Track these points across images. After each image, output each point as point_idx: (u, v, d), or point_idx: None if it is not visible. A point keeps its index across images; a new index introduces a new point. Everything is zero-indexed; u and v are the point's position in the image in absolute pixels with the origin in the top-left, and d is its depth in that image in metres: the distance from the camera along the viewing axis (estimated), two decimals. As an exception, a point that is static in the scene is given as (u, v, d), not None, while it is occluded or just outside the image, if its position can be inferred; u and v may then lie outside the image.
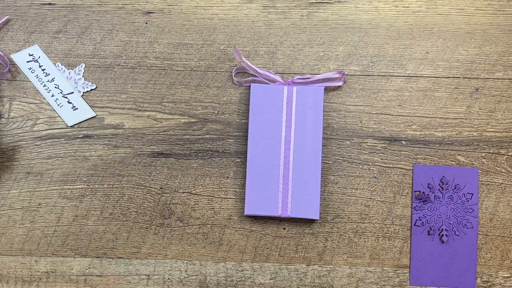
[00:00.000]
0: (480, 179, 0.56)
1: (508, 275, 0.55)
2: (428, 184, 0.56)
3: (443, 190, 0.55)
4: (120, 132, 0.56)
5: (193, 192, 0.56)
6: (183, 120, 0.57)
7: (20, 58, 0.58)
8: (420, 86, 0.57)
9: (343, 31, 0.58)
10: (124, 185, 0.56)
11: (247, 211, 0.53)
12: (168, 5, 0.59)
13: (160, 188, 0.56)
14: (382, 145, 0.56)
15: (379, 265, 0.55)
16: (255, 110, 0.54)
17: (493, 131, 0.56)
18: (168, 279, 0.54)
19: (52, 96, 0.57)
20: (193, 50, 0.58)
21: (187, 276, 0.54)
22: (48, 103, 0.57)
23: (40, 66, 0.57)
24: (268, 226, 0.55)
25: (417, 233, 0.55)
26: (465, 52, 0.58)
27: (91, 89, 0.57)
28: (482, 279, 0.55)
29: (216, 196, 0.56)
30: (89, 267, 0.55)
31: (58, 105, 0.57)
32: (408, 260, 0.55)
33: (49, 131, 0.56)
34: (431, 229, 0.55)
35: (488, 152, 0.56)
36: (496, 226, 0.55)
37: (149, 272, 0.54)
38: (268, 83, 0.56)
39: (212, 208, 0.55)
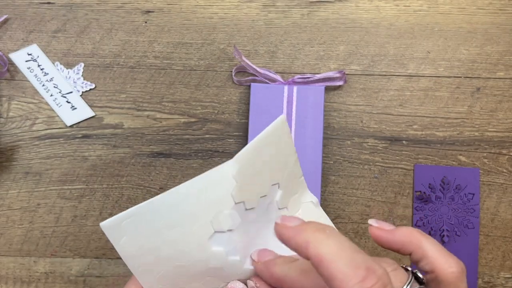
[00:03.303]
0: (482, 179, 0.56)
1: (510, 276, 0.55)
2: (429, 184, 0.55)
3: (444, 190, 0.55)
4: (119, 132, 0.56)
5: (192, 192, 0.55)
6: (183, 120, 0.56)
7: (18, 58, 0.57)
8: (421, 85, 0.57)
9: (343, 30, 0.58)
10: (123, 185, 0.55)
11: (247, 212, 0.53)
12: (168, 4, 0.58)
13: (160, 188, 0.55)
14: (383, 145, 0.56)
15: (380, 266, 0.54)
16: (255, 109, 0.54)
17: (495, 131, 0.56)
18: (168, 279, 0.54)
19: (51, 95, 0.56)
20: (193, 49, 0.58)
21: (186, 276, 0.54)
22: (47, 102, 0.56)
23: (38, 66, 0.57)
24: (268, 226, 0.55)
25: (418, 233, 0.55)
26: (466, 52, 0.58)
27: (90, 89, 0.57)
28: (484, 280, 0.54)
29: (216, 196, 0.55)
30: (88, 268, 0.54)
31: (57, 104, 0.56)
32: (409, 261, 0.55)
33: (48, 131, 0.56)
34: (432, 229, 0.55)
35: (490, 152, 0.56)
36: (497, 226, 0.55)
37: (148, 272, 0.54)
38: (268, 83, 0.55)
39: (212, 209, 0.55)
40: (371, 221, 0.31)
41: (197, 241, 0.31)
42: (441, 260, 0.28)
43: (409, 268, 0.28)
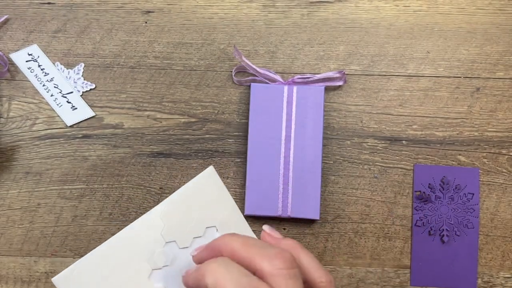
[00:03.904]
0: (481, 179, 0.56)
1: (509, 276, 0.55)
2: (429, 184, 0.55)
3: (444, 190, 0.55)
4: (120, 132, 0.56)
5: (193, 192, 0.55)
6: (183, 120, 0.56)
7: (19, 58, 0.57)
8: (421, 85, 0.57)
9: (343, 31, 0.58)
10: (123, 185, 0.55)
11: (247, 211, 0.53)
12: (168, 4, 0.59)
13: (160, 188, 0.55)
14: (383, 145, 0.56)
15: (379, 266, 0.54)
16: (255, 109, 0.54)
17: (494, 131, 0.56)
18: (168, 279, 0.54)
19: (51, 95, 0.56)
20: (193, 49, 0.58)
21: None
22: (47, 102, 0.57)
23: (39, 66, 0.57)
24: (268, 226, 0.55)
25: (418, 233, 0.55)
26: (466, 52, 0.58)
27: (91, 89, 0.57)
28: (483, 280, 0.55)
29: (216, 196, 0.55)
30: (88, 268, 0.54)
31: (57, 104, 0.56)
32: (408, 261, 0.55)
33: (48, 131, 0.56)
34: (431, 229, 0.55)
35: (489, 152, 0.56)
36: (497, 226, 0.55)
37: (148, 272, 0.54)
38: (268, 83, 0.55)
39: (212, 208, 0.55)
40: (265, 227, 0.37)
41: (139, 281, 0.38)
42: (313, 272, 0.33)
43: None
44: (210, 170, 0.41)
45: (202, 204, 0.41)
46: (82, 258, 0.37)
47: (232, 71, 0.57)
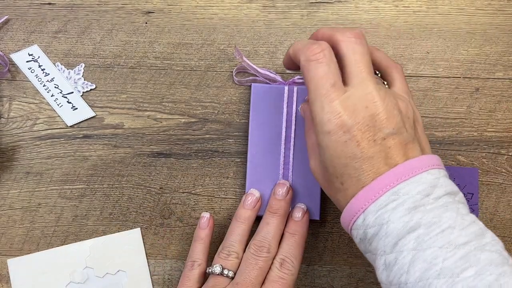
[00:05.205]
0: (480, 179, 0.56)
1: (508, 275, 0.55)
2: (428, 184, 0.55)
3: (443, 190, 0.55)
4: (120, 132, 0.56)
5: (193, 192, 0.56)
6: (183, 120, 0.57)
7: (19, 58, 0.57)
8: (420, 86, 0.57)
9: (343, 31, 0.58)
10: (124, 185, 0.56)
11: (247, 211, 0.53)
12: (168, 5, 0.59)
13: (160, 188, 0.56)
14: (382, 145, 0.56)
15: (379, 265, 0.54)
16: (256, 110, 0.54)
17: (494, 131, 0.56)
18: (168, 279, 0.54)
19: (52, 96, 0.57)
20: (193, 50, 0.58)
21: (187, 276, 0.54)
22: (47, 103, 0.57)
23: (39, 66, 0.57)
24: (268, 226, 0.55)
25: (417, 233, 0.55)
26: (465, 52, 0.58)
27: (91, 89, 0.57)
28: (482, 279, 0.55)
29: (216, 196, 0.55)
30: (89, 267, 0.54)
31: (58, 105, 0.56)
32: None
33: (49, 131, 0.56)
34: (431, 229, 0.55)
35: (488, 152, 0.56)
36: (496, 226, 0.55)
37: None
38: (269, 83, 0.56)
39: (212, 208, 0.55)
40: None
41: (59, 286, 0.52)
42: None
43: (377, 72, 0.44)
44: (137, 232, 0.54)
45: (122, 253, 0.53)
46: (36, 253, 0.53)
47: (232, 71, 0.57)
